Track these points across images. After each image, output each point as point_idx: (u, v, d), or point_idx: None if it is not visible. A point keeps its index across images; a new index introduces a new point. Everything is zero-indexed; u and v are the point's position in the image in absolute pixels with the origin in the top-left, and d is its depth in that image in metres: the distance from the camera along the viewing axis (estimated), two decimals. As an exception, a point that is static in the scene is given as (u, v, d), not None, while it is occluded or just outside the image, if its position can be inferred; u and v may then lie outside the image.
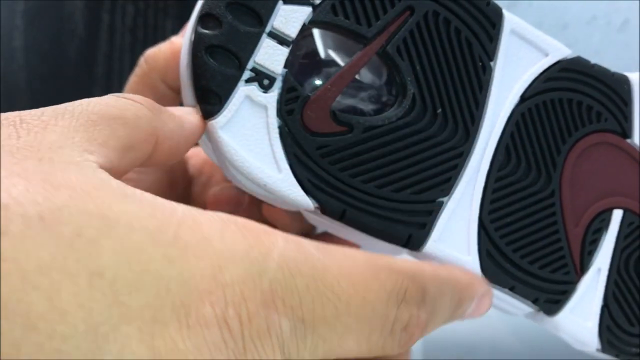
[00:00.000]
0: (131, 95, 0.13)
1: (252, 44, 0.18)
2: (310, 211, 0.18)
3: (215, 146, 0.17)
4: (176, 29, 0.17)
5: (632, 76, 0.23)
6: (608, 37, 0.42)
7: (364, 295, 0.12)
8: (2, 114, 0.12)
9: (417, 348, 0.28)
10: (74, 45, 0.59)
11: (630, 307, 0.23)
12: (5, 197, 0.09)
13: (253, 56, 0.17)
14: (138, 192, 0.11)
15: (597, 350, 0.23)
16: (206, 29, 0.17)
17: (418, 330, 0.14)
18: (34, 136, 0.11)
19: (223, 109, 0.17)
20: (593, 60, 0.33)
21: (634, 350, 0.24)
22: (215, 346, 0.10)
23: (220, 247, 0.11)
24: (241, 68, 0.17)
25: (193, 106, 0.17)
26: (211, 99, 0.17)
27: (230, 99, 0.17)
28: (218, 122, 0.17)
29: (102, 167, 0.11)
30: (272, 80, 0.18)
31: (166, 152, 0.15)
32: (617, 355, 0.23)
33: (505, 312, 0.22)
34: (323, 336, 0.12)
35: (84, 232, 0.10)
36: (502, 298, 0.22)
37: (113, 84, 0.54)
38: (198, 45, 0.17)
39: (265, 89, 0.18)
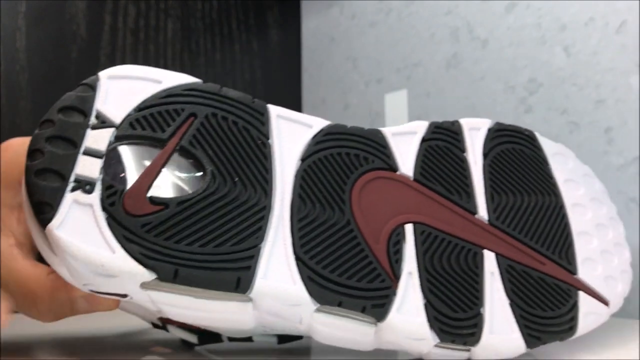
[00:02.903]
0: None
1: (71, 162, 0.23)
2: (150, 286, 0.23)
3: (55, 247, 0.22)
4: (177, 29, 0.25)
5: (385, 130, 0.30)
6: (606, 39, 0.41)
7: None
8: None
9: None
10: (76, 46, 0.58)
11: (448, 297, 0.28)
12: None
13: (74, 170, 0.23)
14: None
15: (437, 344, 0.27)
16: (33, 161, 0.22)
17: None
18: None
19: (56, 213, 0.22)
20: (591, 61, 0.41)
21: (465, 332, 0.27)
22: None
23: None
24: (65, 180, 0.23)
25: (32, 228, 0.24)
26: (45, 208, 0.22)
27: (60, 205, 0.22)
28: (53, 225, 0.22)
29: None
30: (92, 184, 0.23)
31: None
32: (453, 341, 0.27)
33: (354, 345, 0.27)
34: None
35: None
36: (345, 327, 0.26)
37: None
38: (28, 173, 0.22)
39: (88, 192, 0.23)
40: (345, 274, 0.26)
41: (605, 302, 0.30)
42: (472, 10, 0.48)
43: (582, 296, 0.30)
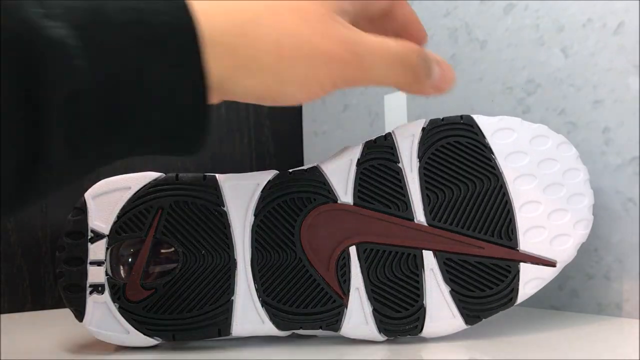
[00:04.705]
0: None
1: (84, 276, 0.32)
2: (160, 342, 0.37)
3: (92, 334, 0.33)
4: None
5: (323, 165, 0.34)
6: (603, 40, 0.42)
7: None
8: None
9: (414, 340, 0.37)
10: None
11: (392, 301, 0.33)
12: None
13: (87, 281, 0.32)
14: None
15: (386, 339, 0.33)
16: (59, 279, 0.33)
17: None
18: None
19: (85, 316, 0.33)
20: (589, 62, 0.42)
21: (408, 327, 0.33)
22: None
23: None
24: (84, 290, 0.32)
25: None
26: (78, 314, 0.33)
27: (86, 309, 0.32)
28: (85, 323, 0.33)
29: None
30: (102, 286, 0.32)
31: None
32: (397, 336, 0.33)
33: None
34: None
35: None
36: (319, 332, 0.34)
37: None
38: (60, 288, 0.33)
39: (101, 292, 0.32)
40: (302, 304, 0.32)
41: (550, 264, 0.33)
42: (470, 11, 0.49)
43: (524, 267, 0.33)
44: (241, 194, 0.33)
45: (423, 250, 0.32)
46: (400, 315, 0.32)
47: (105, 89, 0.21)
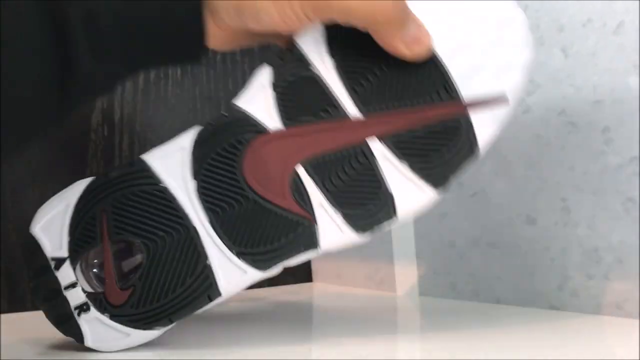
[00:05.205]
0: None
1: (66, 303, 0.32)
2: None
3: (98, 349, 0.34)
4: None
5: (240, 102, 0.33)
6: (603, 40, 0.42)
7: None
8: None
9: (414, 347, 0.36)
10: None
11: (357, 199, 0.31)
12: None
13: (71, 306, 0.32)
14: None
15: (366, 236, 0.33)
16: (47, 316, 0.34)
17: None
18: None
19: (84, 338, 0.32)
20: (589, 62, 0.42)
21: (380, 215, 0.31)
22: None
23: None
24: (72, 316, 0.32)
25: None
26: (78, 339, 0.33)
27: (82, 331, 0.32)
28: (88, 344, 0.33)
29: None
30: (86, 304, 0.32)
31: None
32: (372, 230, 0.32)
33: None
34: None
35: None
36: (306, 257, 0.33)
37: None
38: (52, 322, 0.34)
39: (87, 310, 0.32)
40: (274, 239, 0.32)
41: (503, 100, 0.32)
42: (470, 11, 0.48)
43: (475, 116, 0.31)
44: (172, 163, 0.33)
45: (369, 142, 0.31)
46: (369, 209, 0.32)
47: (119, 8, 0.27)
